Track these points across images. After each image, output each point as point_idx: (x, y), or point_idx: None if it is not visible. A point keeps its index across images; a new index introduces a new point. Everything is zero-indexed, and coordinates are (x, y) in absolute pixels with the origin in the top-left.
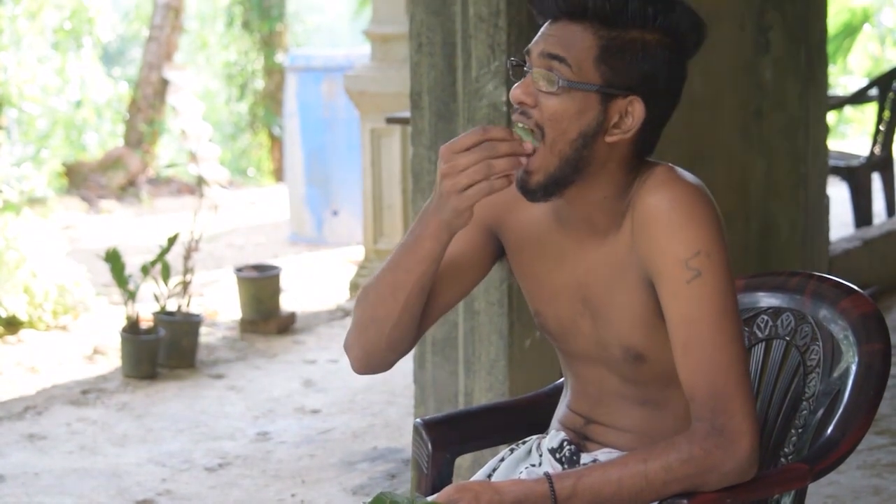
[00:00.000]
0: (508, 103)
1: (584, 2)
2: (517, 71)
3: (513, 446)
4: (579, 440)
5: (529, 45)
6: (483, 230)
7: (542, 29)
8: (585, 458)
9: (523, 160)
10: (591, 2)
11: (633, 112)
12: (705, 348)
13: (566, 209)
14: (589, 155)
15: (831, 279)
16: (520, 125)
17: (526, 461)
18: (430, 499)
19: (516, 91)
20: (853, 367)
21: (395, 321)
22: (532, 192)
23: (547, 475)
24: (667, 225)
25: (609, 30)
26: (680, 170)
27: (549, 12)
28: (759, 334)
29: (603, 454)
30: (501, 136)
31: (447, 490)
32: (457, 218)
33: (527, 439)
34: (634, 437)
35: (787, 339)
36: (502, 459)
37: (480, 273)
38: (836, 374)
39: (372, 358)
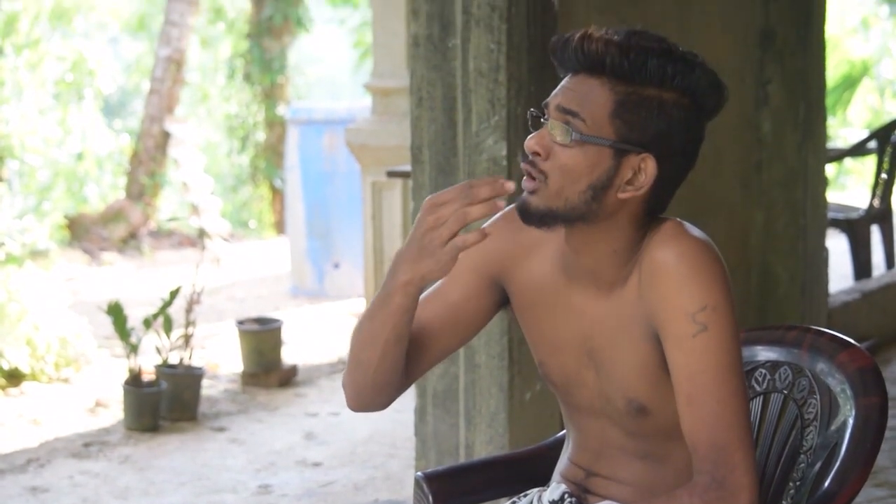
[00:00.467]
0: (509, 157)
1: (603, 57)
2: (535, 122)
3: (514, 499)
4: (580, 493)
5: (549, 98)
6: (487, 280)
7: (562, 82)
8: None
9: (501, 203)
10: (608, 58)
11: (646, 169)
12: (709, 401)
13: (574, 261)
14: (598, 208)
15: (828, 333)
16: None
17: None
18: None
19: (530, 141)
20: (850, 421)
21: (377, 367)
22: (528, 216)
23: None
24: (674, 279)
25: (626, 86)
26: (688, 225)
27: (570, 66)
28: (758, 387)
29: None
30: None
31: None
32: (437, 271)
33: (528, 492)
34: (635, 490)
35: (785, 392)
36: None
37: (481, 322)
38: (833, 428)
39: (362, 397)
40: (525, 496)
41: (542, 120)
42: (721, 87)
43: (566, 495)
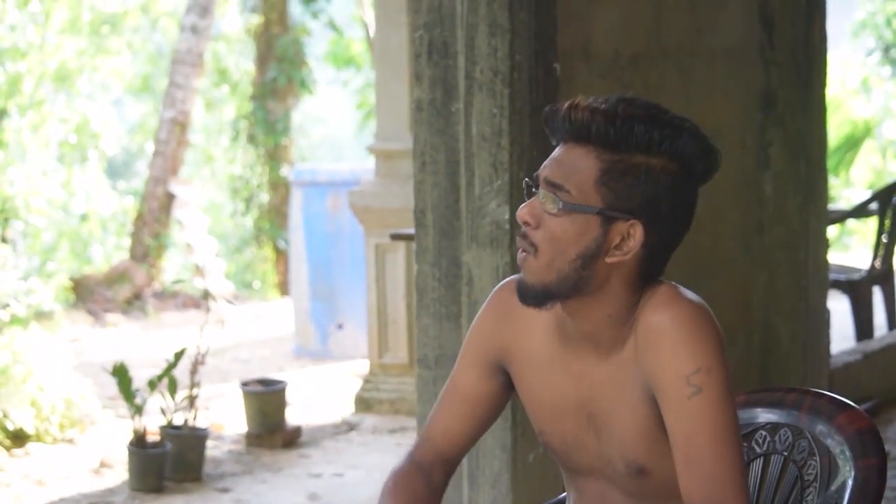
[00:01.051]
0: (511, 221)
1: (588, 126)
2: (530, 191)
3: None
4: None
5: (540, 169)
6: (490, 367)
7: (553, 152)
8: None
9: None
10: (594, 126)
11: (634, 235)
12: (705, 462)
13: (571, 326)
14: (589, 275)
15: (827, 395)
16: None
17: None
18: None
19: (521, 211)
20: (850, 482)
21: None
22: (525, 297)
23: None
24: (668, 342)
25: (612, 153)
26: (682, 289)
27: (559, 135)
28: (758, 449)
29: None
30: None
31: None
32: None
33: None
34: None
35: (785, 454)
36: None
37: (499, 408)
38: (833, 489)
39: None
40: None
41: (533, 190)
42: (712, 151)
43: None
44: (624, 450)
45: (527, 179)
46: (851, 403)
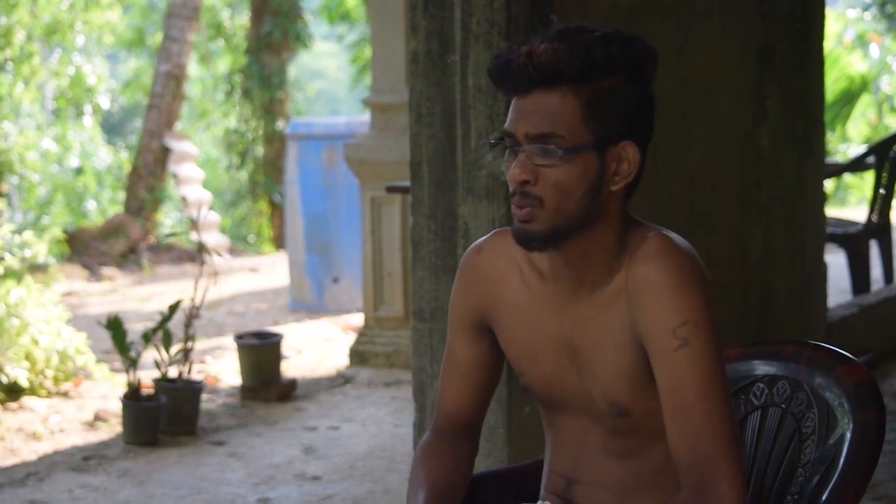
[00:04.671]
0: None
1: (557, 67)
2: (512, 150)
3: None
4: None
5: (507, 127)
6: (479, 331)
7: (514, 106)
8: None
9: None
10: (563, 65)
11: (628, 156)
12: (692, 415)
13: (558, 264)
14: (596, 207)
15: (826, 347)
16: None
17: None
18: None
19: (514, 171)
20: (848, 435)
21: None
22: (531, 243)
23: None
24: (657, 294)
25: (586, 85)
26: (673, 237)
27: (521, 86)
28: (755, 402)
29: None
30: None
31: None
32: None
33: None
34: (616, 495)
35: (783, 406)
36: None
37: (497, 367)
38: (831, 441)
39: None
40: None
41: (515, 149)
42: (653, 50)
43: None
44: (606, 389)
45: (492, 140)
46: (850, 355)
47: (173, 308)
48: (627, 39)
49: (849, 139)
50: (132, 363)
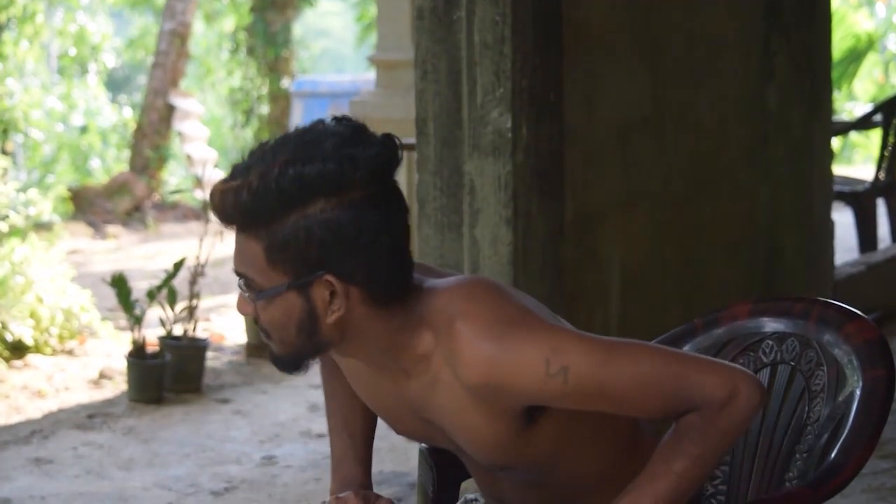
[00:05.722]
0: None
1: (227, 211)
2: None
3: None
4: None
5: None
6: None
7: None
8: None
9: None
10: (233, 212)
11: (335, 287)
12: (637, 398)
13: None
14: (322, 339)
15: (836, 304)
16: None
17: None
18: None
19: (238, 307)
20: (857, 392)
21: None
22: (280, 366)
23: None
24: (503, 374)
25: (265, 229)
26: (472, 308)
27: (222, 221)
28: (765, 359)
29: None
30: None
31: None
32: None
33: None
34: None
35: (793, 364)
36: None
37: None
38: (840, 399)
39: None
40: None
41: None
42: (352, 158)
43: None
44: (479, 455)
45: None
46: (860, 313)
47: (178, 266)
48: (300, 161)
49: (855, 98)
50: (137, 321)
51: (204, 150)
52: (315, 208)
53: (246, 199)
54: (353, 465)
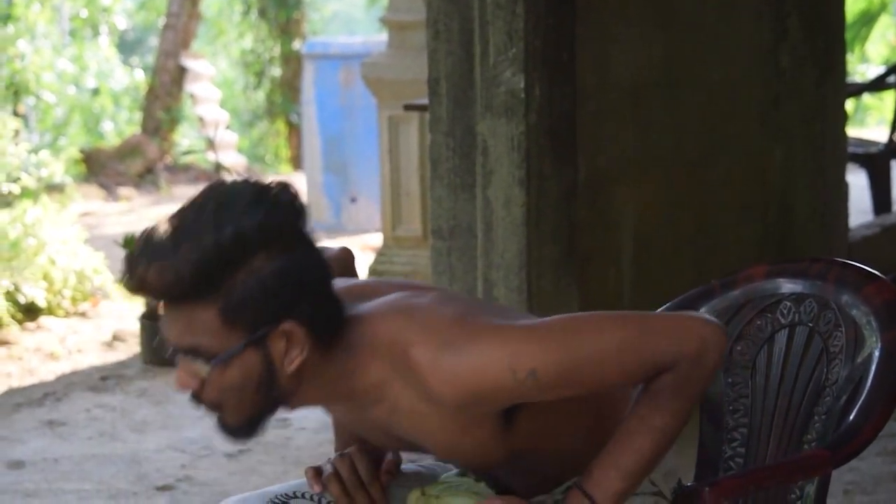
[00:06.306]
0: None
1: (170, 290)
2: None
3: None
4: None
5: (164, 332)
6: None
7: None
8: None
9: None
10: (175, 287)
11: (293, 333)
12: (608, 373)
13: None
14: (280, 393)
15: (854, 265)
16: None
17: None
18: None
19: (178, 383)
20: (876, 354)
21: None
22: (235, 437)
23: (576, 481)
24: (473, 389)
25: (216, 292)
26: (408, 334)
27: (152, 298)
28: (782, 320)
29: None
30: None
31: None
32: None
33: None
34: (540, 484)
35: (811, 325)
36: None
37: None
38: (858, 361)
39: None
40: None
41: (174, 354)
42: (265, 206)
43: None
44: (463, 463)
45: (165, 343)
46: (879, 274)
47: None
48: (232, 223)
49: (868, 60)
50: None
51: (216, 111)
52: (259, 261)
53: (191, 270)
54: None
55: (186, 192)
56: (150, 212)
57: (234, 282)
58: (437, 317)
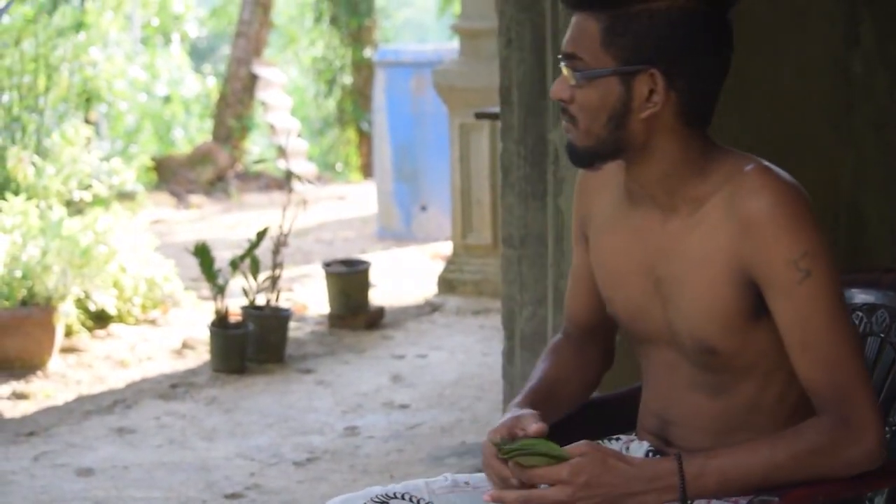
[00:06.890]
0: None
1: None
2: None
3: (600, 442)
4: (661, 445)
5: None
6: (586, 240)
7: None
8: None
9: None
10: None
11: (657, 84)
12: (823, 345)
13: (634, 187)
14: (626, 135)
15: None
16: None
17: None
18: (562, 448)
19: (554, 89)
20: None
21: None
22: (573, 159)
23: (678, 453)
24: (772, 228)
25: (611, 10)
26: (776, 169)
27: (568, 4)
28: None
29: None
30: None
31: (581, 444)
32: None
33: (616, 437)
34: (711, 435)
35: (882, 335)
36: None
37: None
38: None
39: None
40: (615, 440)
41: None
42: None
43: (650, 453)
44: (692, 325)
45: (559, 56)
46: None
47: (261, 235)
48: None
49: None
50: (220, 291)
51: (287, 119)
52: (662, 4)
53: None
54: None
55: (257, 201)
56: (221, 219)
57: (630, 9)
58: (793, 191)
